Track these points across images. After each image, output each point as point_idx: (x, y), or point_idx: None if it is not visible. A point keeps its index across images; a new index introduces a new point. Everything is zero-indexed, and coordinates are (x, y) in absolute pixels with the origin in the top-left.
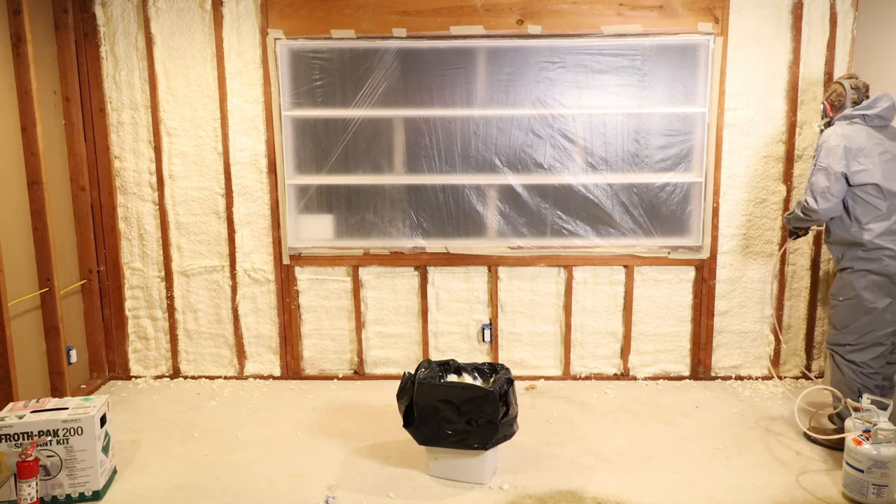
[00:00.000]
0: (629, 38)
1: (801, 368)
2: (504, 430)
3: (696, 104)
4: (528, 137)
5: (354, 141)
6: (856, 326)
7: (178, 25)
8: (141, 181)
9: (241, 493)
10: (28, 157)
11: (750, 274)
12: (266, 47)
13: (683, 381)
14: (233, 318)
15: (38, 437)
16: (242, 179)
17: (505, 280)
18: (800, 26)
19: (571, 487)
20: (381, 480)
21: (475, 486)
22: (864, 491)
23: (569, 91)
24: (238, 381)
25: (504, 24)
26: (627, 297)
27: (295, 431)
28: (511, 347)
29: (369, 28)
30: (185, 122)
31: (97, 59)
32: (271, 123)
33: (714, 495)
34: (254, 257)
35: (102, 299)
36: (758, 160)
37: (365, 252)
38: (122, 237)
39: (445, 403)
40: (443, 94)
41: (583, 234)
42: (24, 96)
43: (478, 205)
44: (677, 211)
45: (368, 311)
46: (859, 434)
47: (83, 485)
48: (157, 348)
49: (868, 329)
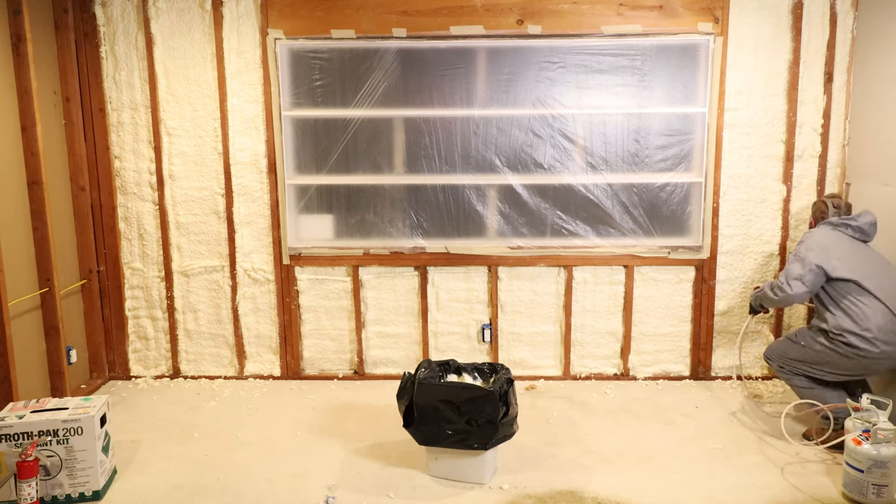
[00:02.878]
0: (629, 38)
1: None
2: (504, 430)
3: (696, 104)
4: (528, 137)
5: (354, 141)
6: (808, 363)
7: (178, 25)
8: (141, 181)
9: (241, 493)
10: (28, 157)
11: (750, 274)
12: (266, 47)
13: (683, 381)
14: (233, 318)
15: (38, 437)
16: (242, 179)
17: (505, 280)
18: (800, 26)
19: (571, 487)
20: (381, 480)
21: (475, 486)
22: (863, 491)
23: (569, 91)
24: (238, 381)
25: (504, 24)
26: (627, 297)
27: (295, 431)
28: (511, 347)
29: (369, 28)
30: (185, 122)
31: (97, 59)
32: (271, 123)
33: (714, 495)
34: (254, 257)
35: (102, 299)
36: (758, 160)
37: (365, 252)
38: (122, 237)
39: (445, 403)
40: (443, 94)
41: (583, 234)
42: (24, 96)
43: (478, 205)
44: (677, 211)
45: (368, 311)
46: (859, 434)
47: (83, 485)
48: (157, 348)
49: (818, 369)
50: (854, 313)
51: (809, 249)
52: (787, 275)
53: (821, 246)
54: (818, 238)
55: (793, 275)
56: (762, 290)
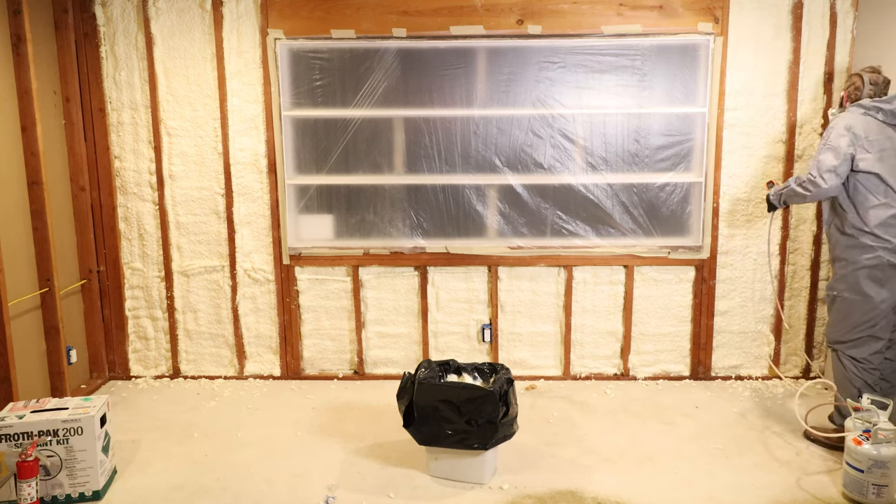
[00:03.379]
0: (629, 38)
1: (801, 368)
2: (504, 430)
3: (696, 104)
4: (528, 137)
5: (354, 141)
6: (853, 321)
7: (178, 25)
8: (141, 181)
9: (241, 493)
10: (28, 157)
11: (750, 274)
12: (266, 47)
13: (683, 381)
14: (233, 318)
15: (38, 437)
16: (242, 179)
17: (505, 280)
18: (800, 26)
19: (571, 487)
20: (381, 480)
21: (475, 486)
22: (864, 491)
23: (569, 91)
24: (238, 381)
25: (504, 24)
26: (627, 297)
27: (295, 431)
28: (511, 347)
29: (369, 28)
30: (185, 122)
31: (97, 59)
32: (271, 123)
33: (714, 495)
34: (254, 257)
35: (102, 299)
36: (758, 160)
37: (365, 252)
38: (122, 237)
39: (445, 403)
40: (443, 94)
41: (583, 234)
42: (24, 96)
43: (478, 205)
44: (677, 211)
45: (368, 311)
46: (859, 434)
47: (83, 485)
48: (157, 348)
49: (864, 322)
50: (863, 211)
51: (840, 136)
52: (820, 167)
53: (852, 134)
54: (849, 122)
55: (826, 166)
56: (789, 187)
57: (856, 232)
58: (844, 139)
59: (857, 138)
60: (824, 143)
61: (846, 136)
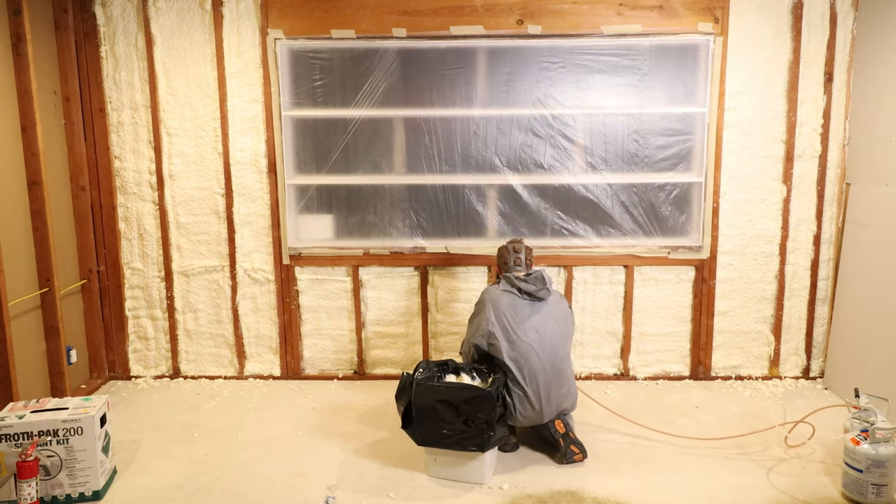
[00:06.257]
0: (629, 38)
1: (801, 368)
2: (502, 432)
3: (696, 104)
4: (528, 137)
5: (354, 141)
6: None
7: (178, 25)
8: (141, 181)
9: (241, 493)
10: (28, 157)
11: (750, 274)
12: (266, 47)
13: (683, 381)
14: (233, 318)
15: (38, 437)
16: (242, 179)
17: None
18: (800, 26)
19: (571, 487)
20: (381, 480)
21: (475, 487)
22: (863, 491)
23: (569, 91)
24: (238, 381)
25: (504, 24)
26: (627, 297)
27: (295, 431)
28: None
29: (369, 28)
30: (185, 122)
31: (97, 59)
32: (271, 123)
33: (714, 495)
34: (254, 257)
35: (102, 299)
36: (758, 160)
37: (365, 252)
38: (122, 237)
39: (443, 404)
40: (443, 95)
41: (583, 234)
42: (24, 96)
43: (478, 205)
44: (677, 211)
45: (368, 311)
46: (857, 434)
47: (83, 485)
48: (157, 348)
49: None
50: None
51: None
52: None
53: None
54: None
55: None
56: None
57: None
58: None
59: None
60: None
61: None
